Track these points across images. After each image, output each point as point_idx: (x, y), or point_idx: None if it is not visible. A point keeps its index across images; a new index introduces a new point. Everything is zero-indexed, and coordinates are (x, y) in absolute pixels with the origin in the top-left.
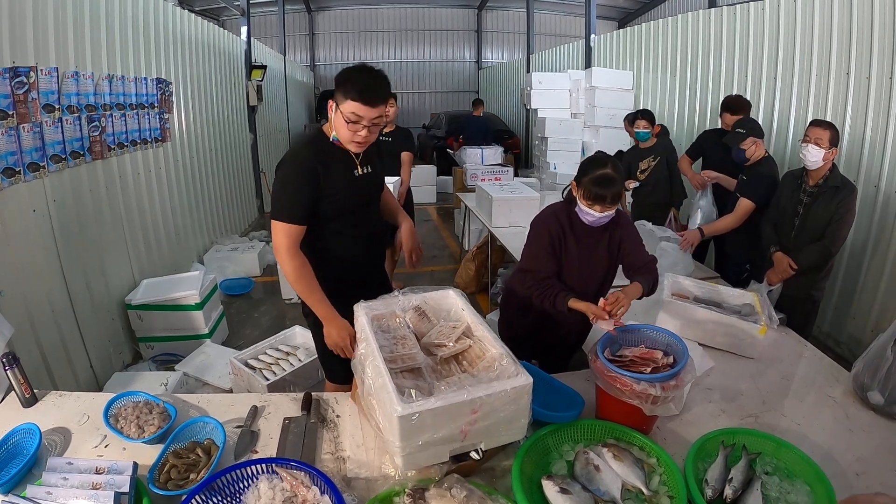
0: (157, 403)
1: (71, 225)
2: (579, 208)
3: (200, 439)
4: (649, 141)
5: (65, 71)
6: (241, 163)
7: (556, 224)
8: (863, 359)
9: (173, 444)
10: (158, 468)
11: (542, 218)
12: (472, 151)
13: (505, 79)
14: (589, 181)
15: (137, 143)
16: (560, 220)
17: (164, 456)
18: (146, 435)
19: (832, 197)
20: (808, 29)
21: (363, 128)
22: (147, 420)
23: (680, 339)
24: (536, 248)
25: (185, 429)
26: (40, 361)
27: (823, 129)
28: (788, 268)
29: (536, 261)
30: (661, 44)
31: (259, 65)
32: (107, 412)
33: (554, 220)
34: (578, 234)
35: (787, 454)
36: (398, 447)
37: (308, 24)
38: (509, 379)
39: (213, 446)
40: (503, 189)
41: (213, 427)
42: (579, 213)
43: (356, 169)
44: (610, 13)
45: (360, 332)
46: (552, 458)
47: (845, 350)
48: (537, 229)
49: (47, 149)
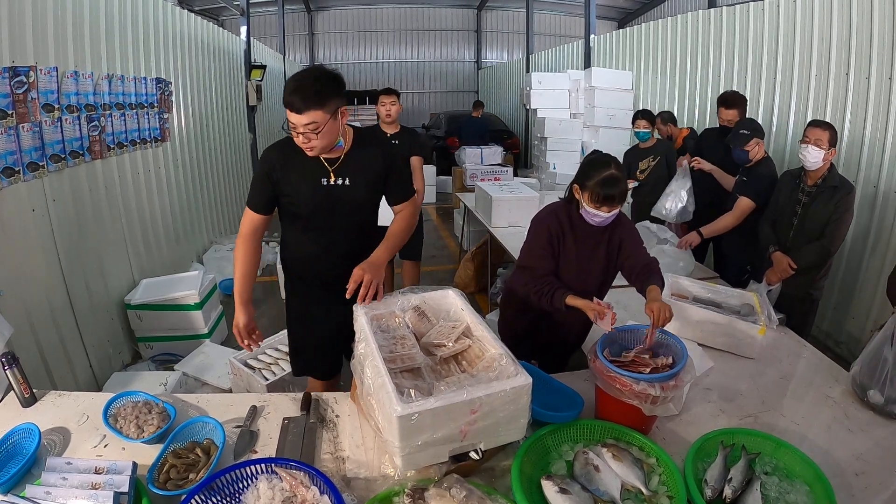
0: (156, 403)
1: (70, 225)
2: (584, 210)
3: (200, 439)
4: (649, 141)
5: (64, 70)
6: (240, 163)
7: (556, 223)
8: (861, 358)
9: (173, 444)
10: (158, 468)
11: (542, 216)
12: (472, 151)
13: (504, 79)
14: (595, 184)
15: (137, 142)
16: (560, 219)
17: (163, 456)
18: (145, 435)
19: (830, 196)
20: (807, 29)
21: (298, 134)
22: (146, 420)
23: (679, 340)
24: (535, 246)
25: (185, 429)
26: (39, 361)
27: (823, 129)
28: (788, 267)
29: (534, 258)
30: (661, 44)
31: (259, 65)
32: (106, 412)
33: (554, 218)
34: (578, 234)
35: (786, 454)
36: (398, 447)
37: (308, 24)
38: (509, 379)
39: (213, 446)
40: (503, 189)
41: (212, 427)
42: (584, 215)
43: (327, 178)
44: (610, 13)
45: (360, 333)
46: (551, 458)
47: (844, 350)
48: (537, 227)
49: (47, 148)
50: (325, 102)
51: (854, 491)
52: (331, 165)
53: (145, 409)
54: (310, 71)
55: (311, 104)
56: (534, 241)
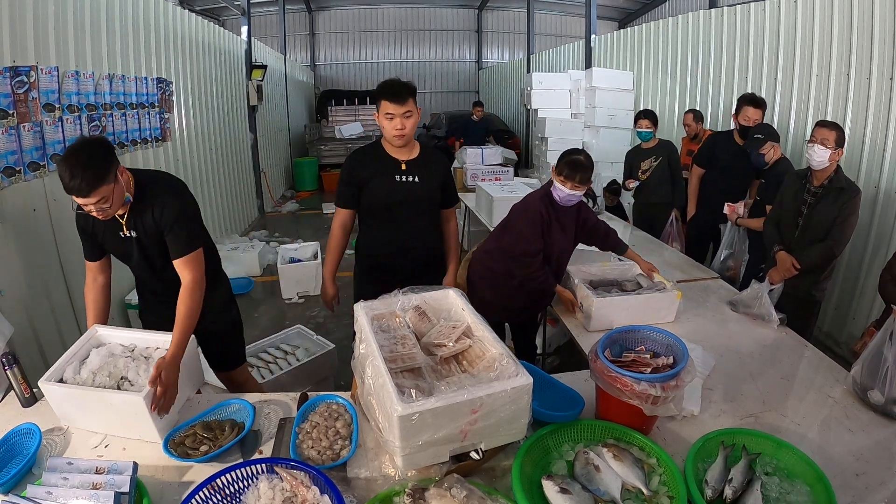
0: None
1: (70, 225)
2: (554, 187)
3: (237, 419)
4: (651, 141)
5: (65, 70)
6: (241, 162)
7: (545, 210)
8: (862, 359)
9: (207, 416)
10: (180, 431)
11: (532, 205)
12: (472, 151)
13: (505, 79)
14: (563, 162)
15: (138, 142)
16: (546, 207)
17: (192, 423)
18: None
19: (836, 198)
20: (808, 29)
21: (91, 211)
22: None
23: (680, 340)
24: (528, 231)
25: (220, 408)
26: (40, 361)
27: (830, 129)
28: (791, 267)
29: (529, 242)
30: (661, 44)
31: (259, 64)
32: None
33: (543, 206)
34: (560, 217)
35: (786, 454)
36: (398, 447)
37: (308, 24)
38: (509, 379)
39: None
40: (503, 189)
41: (248, 412)
42: (555, 192)
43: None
44: (610, 13)
45: (360, 333)
46: (552, 458)
47: (845, 350)
48: (531, 216)
49: (47, 148)
50: (106, 177)
51: (854, 491)
52: (121, 219)
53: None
54: (79, 153)
55: (96, 185)
56: (527, 227)
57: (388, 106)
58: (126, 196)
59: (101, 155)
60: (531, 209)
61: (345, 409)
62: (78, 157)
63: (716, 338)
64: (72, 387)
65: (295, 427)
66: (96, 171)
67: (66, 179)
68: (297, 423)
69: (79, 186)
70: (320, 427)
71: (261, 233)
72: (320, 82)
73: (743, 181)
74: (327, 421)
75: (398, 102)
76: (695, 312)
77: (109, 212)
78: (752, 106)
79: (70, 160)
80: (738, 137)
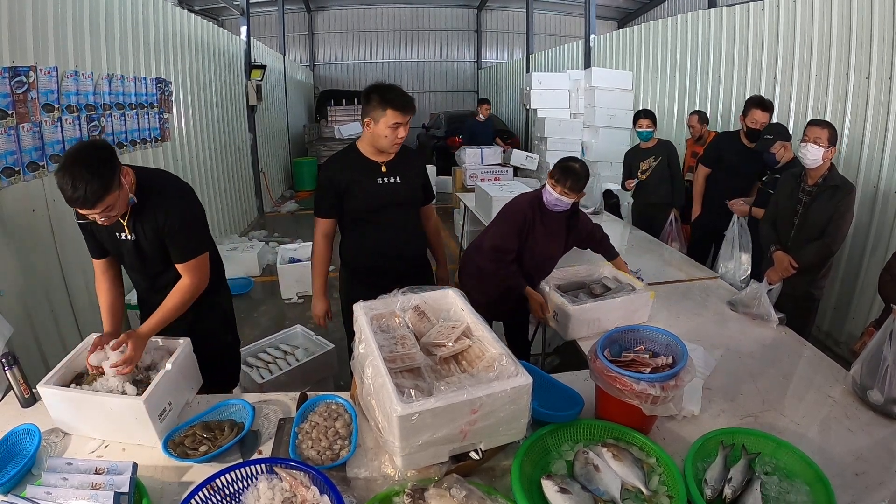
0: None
1: (70, 225)
2: (547, 192)
3: (237, 419)
4: (651, 141)
5: (64, 70)
6: (240, 163)
7: (530, 213)
8: (861, 358)
9: (207, 417)
10: (181, 431)
11: (518, 207)
12: (472, 151)
13: (504, 79)
14: (557, 167)
15: (137, 142)
16: (532, 210)
17: (192, 423)
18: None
19: (831, 196)
20: (807, 29)
21: (95, 219)
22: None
23: (679, 340)
24: (506, 231)
25: (220, 408)
26: (40, 361)
27: (822, 128)
28: (789, 266)
29: (505, 239)
30: (661, 44)
31: (259, 64)
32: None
33: (528, 208)
34: (545, 221)
35: (786, 454)
36: (398, 447)
37: (308, 24)
38: (509, 379)
39: (239, 427)
40: (503, 189)
41: (247, 412)
42: (544, 193)
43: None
44: (610, 13)
45: (360, 332)
46: (552, 458)
47: (845, 350)
48: (513, 216)
49: (47, 148)
50: (111, 185)
51: (854, 491)
52: (122, 220)
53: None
54: (80, 162)
55: (101, 195)
56: (507, 226)
57: (397, 116)
58: (130, 198)
59: (104, 161)
60: (515, 209)
61: (344, 409)
62: (79, 166)
63: (716, 338)
64: (71, 390)
65: (294, 427)
66: (101, 181)
67: (69, 192)
68: (296, 424)
69: (83, 198)
70: (320, 427)
71: (260, 233)
72: (319, 82)
73: (748, 182)
74: (327, 421)
75: (407, 113)
76: (695, 312)
77: (114, 217)
78: (759, 108)
79: (71, 170)
80: (744, 139)
